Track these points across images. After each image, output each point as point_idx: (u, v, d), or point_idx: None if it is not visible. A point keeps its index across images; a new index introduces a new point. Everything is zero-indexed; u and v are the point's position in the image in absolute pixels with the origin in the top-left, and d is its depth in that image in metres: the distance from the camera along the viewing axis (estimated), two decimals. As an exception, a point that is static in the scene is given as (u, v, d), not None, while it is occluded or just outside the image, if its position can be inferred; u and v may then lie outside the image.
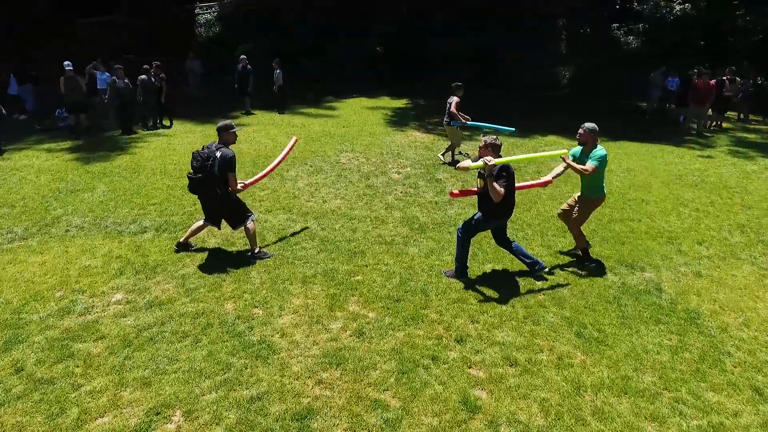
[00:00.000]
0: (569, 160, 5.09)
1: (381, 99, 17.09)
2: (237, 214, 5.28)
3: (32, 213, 6.51)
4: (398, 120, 13.86)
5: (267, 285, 4.83)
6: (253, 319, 4.28)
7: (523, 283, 4.95)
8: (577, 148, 5.35)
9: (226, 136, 5.13)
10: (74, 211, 6.59)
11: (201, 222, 5.41)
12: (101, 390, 3.42)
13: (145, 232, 6.02)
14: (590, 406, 3.36)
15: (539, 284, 4.95)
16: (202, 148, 5.13)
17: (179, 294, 4.65)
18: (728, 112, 13.81)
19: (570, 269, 5.27)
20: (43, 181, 7.80)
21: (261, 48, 18.06)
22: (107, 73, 11.58)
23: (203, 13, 22.71)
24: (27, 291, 4.64)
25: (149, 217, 6.46)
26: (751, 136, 12.42)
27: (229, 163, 5.01)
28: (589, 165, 5.00)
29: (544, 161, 9.65)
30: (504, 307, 4.52)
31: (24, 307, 4.38)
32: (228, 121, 5.24)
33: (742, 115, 14.27)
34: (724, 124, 13.41)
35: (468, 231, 4.95)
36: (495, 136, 4.78)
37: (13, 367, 3.63)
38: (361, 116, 14.06)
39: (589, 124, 5.16)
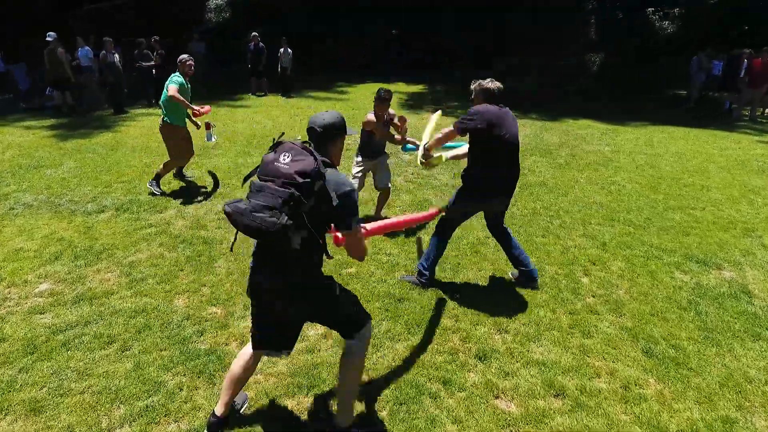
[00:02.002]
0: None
1: (396, 84, 15.97)
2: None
3: (-21, 189, 5.59)
4: (414, 103, 12.75)
5: (234, 276, 3.77)
6: (207, 321, 3.22)
7: (565, 281, 3.80)
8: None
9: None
10: (28, 188, 5.64)
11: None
12: (-31, 418, 2.41)
13: (103, 211, 5.03)
14: (683, 466, 2.22)
15: (586, 281, 3.81)
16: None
17: (120, 285, 3.63)
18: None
19: (623, 264, 4.11)
20: (6, 157, 6.89)
21: (270, 33, 17.17)
22: (87, 47, 10.73)
23: (213, -2, 21.92)
24: (-67, 277, 3.68)
25: (113, 195, 5.47)
26: (812, 123, 10.98)
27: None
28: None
29: (576, 143, 8.47)
30: (542, 312, 3.38)
31: None
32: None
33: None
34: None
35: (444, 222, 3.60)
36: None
37: None
38: (373, 100, 12.97)
39: None
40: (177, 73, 5.42)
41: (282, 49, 12.84)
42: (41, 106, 11.09)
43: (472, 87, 3.44)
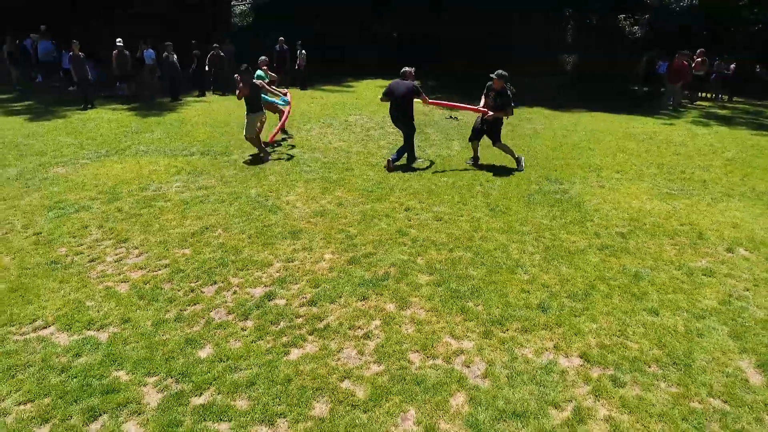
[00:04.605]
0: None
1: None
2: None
3: (110, 143, 8.68)
4: (405, 96, 15.63)
5: (280, 181, 6.79)
6: (269, 196, 6.24)
7: (467, 187, 6.75)
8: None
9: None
10: (140, 143, 8.73)
11: None
12: (172, 219, 5.44)
13: (193, 155, 8.08)
14: (480, 235, 5.16)
15: (478, 188, 6.73)
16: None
17: (219, 184, 6.66)
18: (703, 92, 15.12)
19: (504, 181, 7.02)
20: (113, 126, 10.01)
21: (288, 35, 20.21)
22: (151, 50, 13.89)
23: (238, 5, 25.09)
24: (115, 180, 6.74)
25: (195, 147, 8.53)
26: (723, 112, 13.72)
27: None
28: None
29: (519, 123, 11.33)
30: (446, 197, 6.33)
31: (115, 186, 6.48)
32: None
33: (712, 95, 15.51)
34: (705, 103, 14.73)
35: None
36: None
37: (116, 209, 5.69)
38: (374, 92, 15.92)
39: None
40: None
41: (298, 51, 15.87)
42: (113, 93, 14.23)
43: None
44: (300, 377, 2.97)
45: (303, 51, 16.04)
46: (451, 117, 11.87)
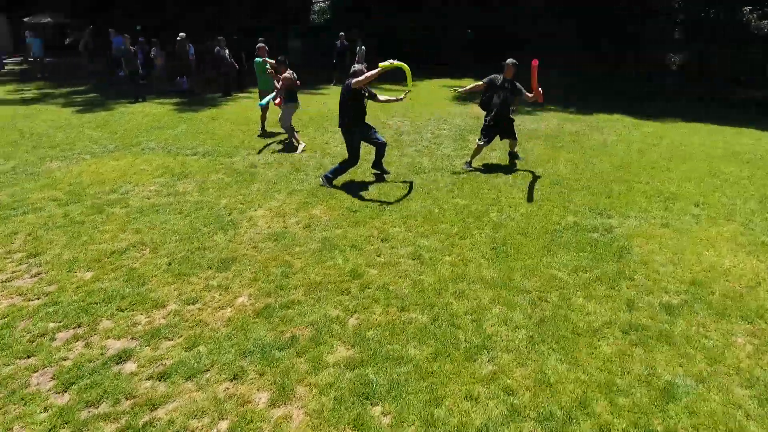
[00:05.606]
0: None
1: (464, 80, 17.37)
2: None
3: (123, 138, 8.40)
4: (467, 97, 14.10)
5: (260, 192, 5.88)
6: (235, 209, 5.35)
7: (476, 213, 5.32)
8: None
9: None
10: (153, 139, 8.36)
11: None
12: (108, 231, 4.75)
13: (195, 155, 7.48)
14: (456, 289, 3.80)
15: (494, 216, 5.28)
16: None
17: (194, 190, 5.92)
18: None
19: (532, 208, 5.47)
20: (143, 121, 9.84)
21: (360, 30, 19.50)
22: (191, 44, 13.87)
23: (318, 2, 24.99)
24: (96, 179, 6.28)
25: (204, 146, 7.95)
26: None
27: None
28: None
29: (588, 132, 9.42)
30: (444, 225, 4.99)
31: (89, 186, 5.99)
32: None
33: None
34: None
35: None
36: None
37: (64, 215, 5.14)
38: (431, 93, 14.67)
39: None
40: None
41: (357, 47, 15.00)
42: (175, 88, 14.43)
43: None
44: None
45: (363, 47, 15.15)
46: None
